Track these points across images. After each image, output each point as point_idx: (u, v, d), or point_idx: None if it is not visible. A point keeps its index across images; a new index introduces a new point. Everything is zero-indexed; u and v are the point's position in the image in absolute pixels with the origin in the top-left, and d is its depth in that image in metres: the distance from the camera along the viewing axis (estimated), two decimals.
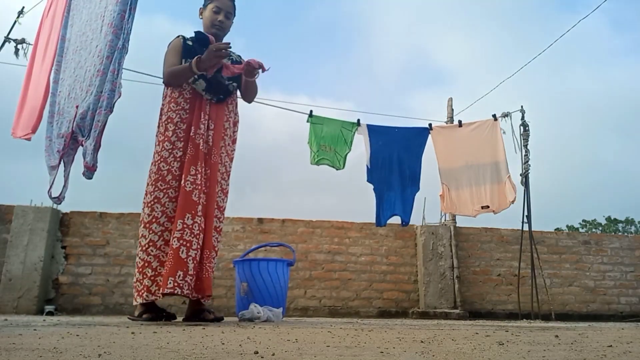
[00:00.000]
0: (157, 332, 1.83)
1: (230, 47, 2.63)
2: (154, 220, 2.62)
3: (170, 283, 2.46)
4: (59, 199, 2.71)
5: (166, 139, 2.72)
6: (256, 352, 1.19)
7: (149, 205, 2.66)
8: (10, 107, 3.51)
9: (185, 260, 2.50)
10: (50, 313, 4.09)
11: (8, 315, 3.67)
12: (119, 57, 2.53)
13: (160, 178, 2.67)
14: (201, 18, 2.93)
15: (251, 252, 3.95)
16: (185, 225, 2.55)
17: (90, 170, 2.50)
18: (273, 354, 1.17)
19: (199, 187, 2.62)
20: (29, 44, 4.16)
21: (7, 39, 4.17)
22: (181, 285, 2.47)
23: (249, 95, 2.98)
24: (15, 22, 4.22)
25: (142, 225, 2.67)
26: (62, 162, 2.71)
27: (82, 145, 2.58)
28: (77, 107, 2.65)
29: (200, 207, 2.60)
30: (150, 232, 2.61)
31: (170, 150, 2.69)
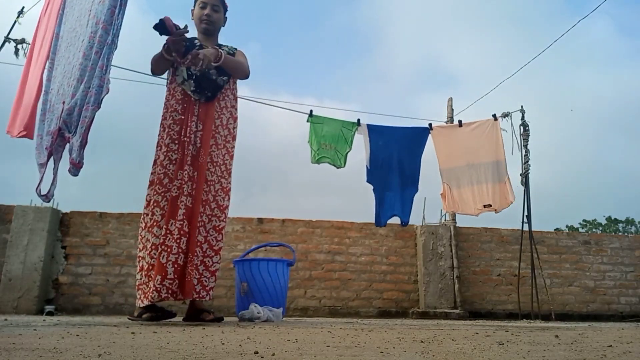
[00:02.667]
0: (157, 332, 1.83)
1: (187, 32, 2.64)
2: (154, 223, 2.63)
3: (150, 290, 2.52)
4: (47, 197, 2.67)
5: (162, 142, 2.74)
6: (256, 352, 1.19)
7: (150, 208, 2.67)
8: (10, 107, 3.51)
9: (165, 265, 2.53)
10: (50, 313, 4.09)
11: (8, 315, 3.67)
12: (107, 52, 2.50)
13: (157, 181, 2.68)
14: (192, 19, 2.98)
15: (251, 252, 3.95)
16: (168, 231, 2.58)
17: (76, 167, 2.48)
18: (273, 354, 1.17)
19: (184, 191, 2.63)
20: (29, 43, 4.16)
21: (7, 39, 4.17)
22: (159, 289, 2.49)
23: (236, 73, 2.93)
24: (15, 22, 4.22)
25: (144, 228, 2.68)
26: (51, 159, 2.69)
27: (69, 142, 2.55)
28: (63, 102, 2.63)
29: (182, 212, 2.60)
30: (152, 235, 2.62)
31: (165, 153, 2.70)
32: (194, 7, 2.97)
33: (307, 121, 4.55)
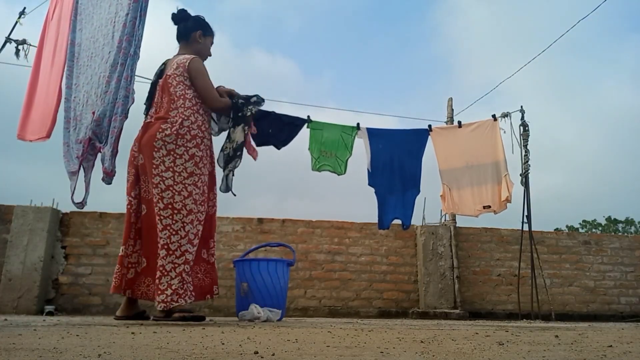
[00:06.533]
0: (157, 332, 1.84)
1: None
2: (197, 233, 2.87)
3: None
4: (81, 204, 2.80)
5: (202, 165, 3.00)
6: (256, 352, 1.19)
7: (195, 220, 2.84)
8: (10, 107, 3.50)
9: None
10: (50, 313, 4.09)
11: (8, 315, 3.67)
12: (131, 63, 2.62)
13: (201, 199, 2.94)
14: (199, 41, 3.09)
15: (251, 252, 3.95)
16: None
17: (109, 176, 2.59)
18: (273, 354, 1.17)
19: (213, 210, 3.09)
20: (30, 44, 4.15)
21: (8, 40, 4.16)
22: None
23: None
24: (16, 22, 4.22)
25: (190, 242, 2.80)
26: (81, 168, 2.78)
27: (101, 152, 2.65)
28: (93, 113, 2.71)
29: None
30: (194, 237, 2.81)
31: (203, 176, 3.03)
32: (204, 36, 3.12)
33: (307, 127, 4.53)
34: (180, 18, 3.04)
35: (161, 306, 2.59)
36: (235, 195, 3.11)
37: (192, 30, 3.06)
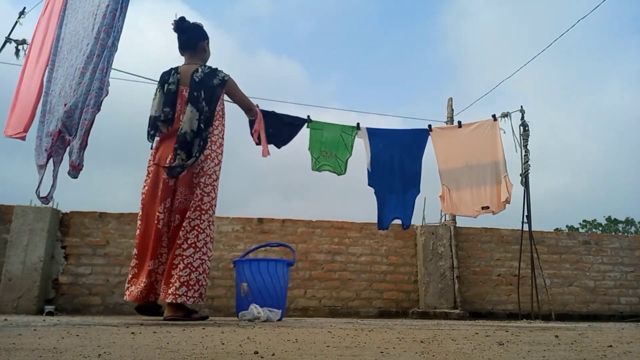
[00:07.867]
0: (157, 332, 1.84)
1: None
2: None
3: None
4: (46, 199, 2.69)
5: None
6: (256, 352, 1.19)
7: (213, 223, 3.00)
8: (9, 107, 3.50)
9: None
10: (50, 313, 4.09)
11: (8, 315, 3.67)
12: (108, 55, 2.54)
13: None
14: (206, 49, 3.18)
15: (251, 252, 3.95)
16: None
17: (75, 170, 2.50)
18: (273, 354, 1.17)
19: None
20: (29, 44, 4.14)
21: (7, 40, 4.16)
22: None
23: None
24: (16, 22, 4.21)
25: (211, 240, 2.92)
26: (50, 161, 2.70)
27: (70, 145, 2.57)
28: (65, 105, 2.64)
29: None
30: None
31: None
32: (208, 45, 3.19)
33: (307, 127, 4.53)
34: (186, 28, 3.08)
35: (191, 300, 2.74)
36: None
37: (200, 40, 3.12)
